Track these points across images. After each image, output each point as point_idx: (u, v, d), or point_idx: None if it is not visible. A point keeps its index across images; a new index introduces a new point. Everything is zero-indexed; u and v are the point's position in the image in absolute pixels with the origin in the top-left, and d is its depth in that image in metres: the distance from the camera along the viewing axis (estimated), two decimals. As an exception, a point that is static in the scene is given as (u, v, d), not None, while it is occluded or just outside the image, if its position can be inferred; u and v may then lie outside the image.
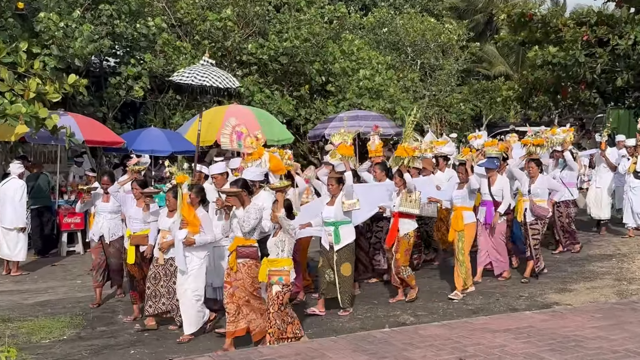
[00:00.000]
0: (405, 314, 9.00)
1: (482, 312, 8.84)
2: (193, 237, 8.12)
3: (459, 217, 10.12)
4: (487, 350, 6.17)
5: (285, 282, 7.41)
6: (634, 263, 11.49)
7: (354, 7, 32.37)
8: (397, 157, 10.22)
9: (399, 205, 9.64)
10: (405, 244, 9.62)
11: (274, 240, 7.56)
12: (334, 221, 9.15)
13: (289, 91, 22.44)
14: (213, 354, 7.10)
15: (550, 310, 8.29)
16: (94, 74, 19.13)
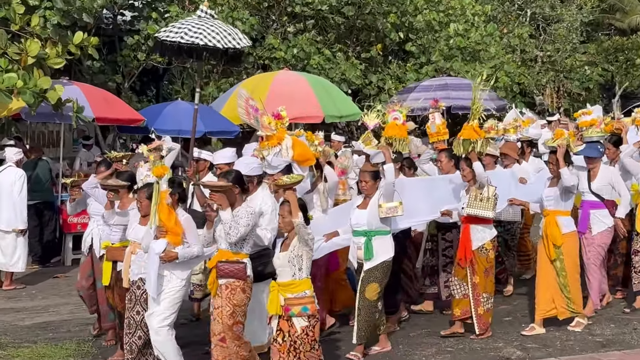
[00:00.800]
0: (510, 346, 8.98)
1: (614, 345, 8.77)
2: (174, 250, 7.53)
3: (553, 226, 9.45)
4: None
5: (312, 311, 6.99)
6: None
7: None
8: (465, 141, 9.55)
9: (467, 206, 9.09)
10: (483, 261, 9.11)
11: (287, 256, 7.02)
12: (365, 230, 8.49)
13: (356, 52, 22.43)
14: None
15: None
16: (106, 33, 19.51)
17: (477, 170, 9.08)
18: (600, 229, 9.78)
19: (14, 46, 12.97)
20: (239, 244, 7.29)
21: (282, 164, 8.75)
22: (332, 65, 20.81)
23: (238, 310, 7.25)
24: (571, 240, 9.46)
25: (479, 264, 9.02)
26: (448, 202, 9.69)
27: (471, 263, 9.05)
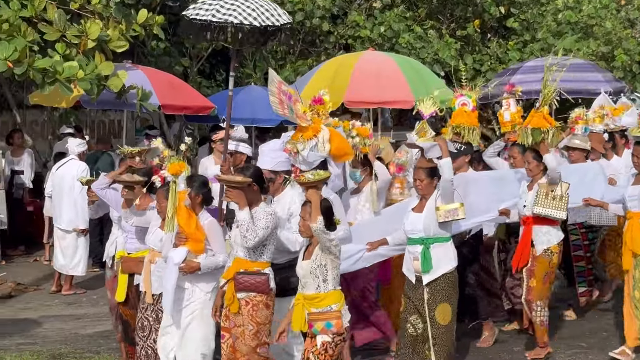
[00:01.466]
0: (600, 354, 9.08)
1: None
2: (196, 260, 7.34)
3: (635, 231, 9.00)
4: None
5: (337, 328, 6.73)
6: None
7: None
8: (535, 130, 9.21)
9: (534, 205, 8.76)
10: (545, 265, 8.83)
11: (308, 266, 6.82)
12: (422, 237, 7.93)
13: (450, 30, 22.45)
14: None
15: None
16: (172, 10, 19.89)
17: (550, 165, 8.79)
18: None
19: (72, 28, 13.06)
20: (259, 250, 7.08)
21: (318, 160, 8.29)
22: (423, 44, 20.82)
23: (262, 329, 7.08)
24: None
25: (539, 267, 8.79)
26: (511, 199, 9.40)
27: (531, 265, 8.82)
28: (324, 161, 8.40)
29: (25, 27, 13.09)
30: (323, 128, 8.63)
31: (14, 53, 12.36)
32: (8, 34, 12.79)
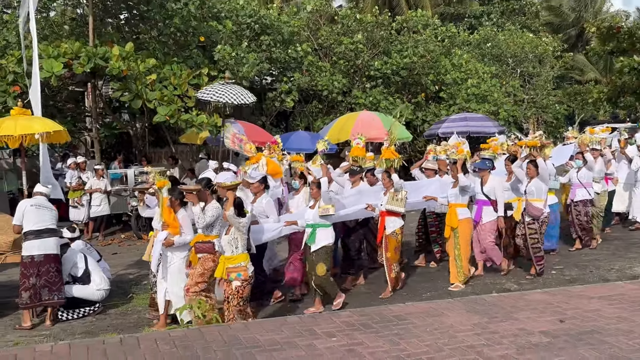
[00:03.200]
0: (510, 282, 8.71)
1: (578, 282, 8.43)
2: (172, 238, 6.89)
3: (453, 214, 8.62)
4: (584, 314, 5.91)
5: (244, 277, 6.50)
6: None
7: (462, 27, 31.67)
8: (387, 160, 8.76)
9: (386, 204, 8.18)
10: (394, 241, 8.21)
11: (227, 239, 6.56)
12: (312, 224, 7.53)
13: (408, 98, 22.25)
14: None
15: (639, 281, 7.80)
16: (256, 91, 19.81)
17: (395, 180, 8.23)
18: (488, 219, 8.87)
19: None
20: (209, 229, 6.72)
21: (259, 176, 7.97)
22: (393, 107, 20.71)
23: (206, 273, 6.70)
24: (465, 224, 8.64)
25: (390, 243, 8.13)
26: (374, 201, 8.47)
27: (386, 242, 8.17)
28: (265, 177, 8.08)
29: (176, 99, 13.25)
30: (262, 157, 8.50)
31: (169, 111, 12.91)
32: (167, 102, 13.17)
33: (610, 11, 43.62)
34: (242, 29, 19.11)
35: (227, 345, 5.38)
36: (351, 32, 21.84)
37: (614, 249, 10.57)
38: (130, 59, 13.30)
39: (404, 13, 27.90)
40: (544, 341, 5.19)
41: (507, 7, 36.14)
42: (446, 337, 5.38)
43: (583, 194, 10.46)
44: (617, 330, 5.40)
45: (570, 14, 42.92)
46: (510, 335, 5.37)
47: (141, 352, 5.33)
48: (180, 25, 15.91)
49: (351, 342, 5.34)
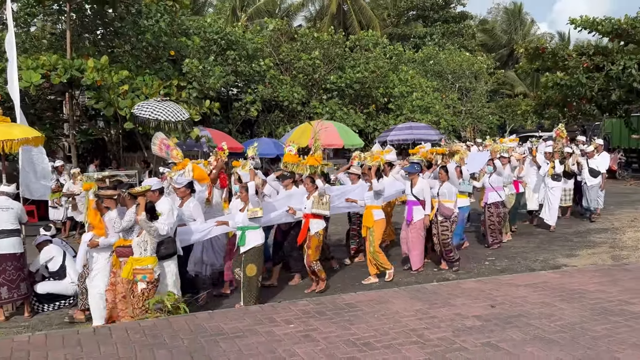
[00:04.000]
0: (449, 272, 8.83)
1: (507, 271, 8.58)
2: (97, 240, 6.43)
3: (369, 215, 8.39)
4: (513, 300, 6.03)
5: (150, 279, 6.01)
6: (625, 235, 10.98)
7: (408, 46, 32.14)
8: (311, 166, 8.44)
9: (311, 208, 7.80)
10: (316, 241, 7.85)
11: (137, 240, 6.05)
12: (241, 226, 7.15)
13: (361, 109, 22.42)
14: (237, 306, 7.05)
15: (560, 270, 8.01)
16: (223, 101, 19.60)
17: (319, 185, 7.92)
18: (419, 218, 8.71)
19: (172, 108, 13.05)
20: (128, 233, 6.21)
21: (184, 182, 7.47)
22: (347, 117, 20.83)
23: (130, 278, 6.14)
24: (379, 224, 8.41)
25: (312, 243, 7.78)
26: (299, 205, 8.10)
27: (308, 242, 7.80)
28: (191, 182, 7.60)
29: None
30: (189, 163, 8.02)
31: None
32: None
33: (537, 34, 44.88)
34: (210, 44, 18.95)
35: (193, 333, 5.29)
36: (309, 49, 21.90)
37: (539, 242, 10.81)
38: (105, 70, 13.02)
39: (356, 33, 28.08)
40: (477, 324, 5.27)
41: (447, 29, 36.91)
42: (392, 322, 5.41)
43: (494, 197, 10.36)
44: (541, 314, 5.52)
45: (502, 36, 43.97)
46: (447, 320, 5.43)
47: (113, 341, 5.20)
48: (152, 40, 15.68)
49: (307, 328, 5.32)
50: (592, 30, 19.71)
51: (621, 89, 19.26)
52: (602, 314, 5.42)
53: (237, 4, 33.07)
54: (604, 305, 5.70)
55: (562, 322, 5.22)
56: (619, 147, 23.56)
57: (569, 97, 20.84)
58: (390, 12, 40.01)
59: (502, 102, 33.36)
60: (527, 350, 4.56)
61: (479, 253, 10.08)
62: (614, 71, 18.83)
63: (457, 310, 5.75)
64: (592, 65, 19.83)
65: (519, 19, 44.25)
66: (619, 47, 20.28)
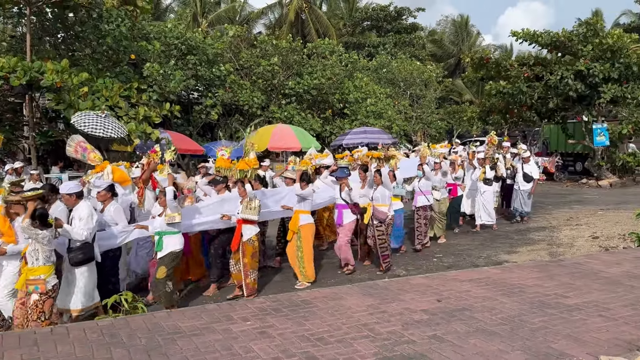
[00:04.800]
0: (399, 268, 8.89)
1: (453, 267, 8.75)
2: (5, 247, 5.97)
3: (296, 219, 8.09)
4: (457, 294, 6.12)
5: (42, 290, 5.52)
6: (561, 233, 11.34)
7: (362, 54, 32.38)
8: (241, 171, 8.11)
9: (241, 213, 7.44)
10: (250, 248, 7.46)
11: (30, 249, 5.55)
12: (159, 231, 6.80)
13: (318, 114, 22.45)
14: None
15: (502, 266, 8.19)
16: (184, 104, 19.30)
17: (248, 189, 7.53)
18: (348, 221, 8.64)
19: (132, 110, 12.76)
20: None
21: (104, 184, 7.05)
22: (305, 121, 20.83)
23: None
24: (306, 229, 8.10)
25: (247, 250, 7.44)
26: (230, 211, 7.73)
27: (243, 249, 7.44)
28: (112, 185, 7.19)
29: (107, 109, 12.63)
30: (108, 166, 7.65)
31: None
32: None
33: (482, 45, 45.98)
34: (170, 49, 18.64)
35: (150, 332, 5.15)
36: (268, 56, 21.81)
37: (482, 240, 11.05)
38: (65, 73, 12.61)
39: (314, 41, 28.13)
40: (424, 318, 5.32)
41: (399, 39, 37.40)
42: (344, 318, 5.42)
43: (423, 200, 10.24)
44: (484, 307, 5.62)
45: (450, 47, 44.88)
46: (397, 314, 5.47)
47: (70, 340, 5.01)
48: (113, 44, 15.30)
49: (263, 325, 5.26)
50: (532, 42, 20.29)
51: (558, 97, 19.89)
52: (539, 307, 5.56)
53: (198, 11, 32.65)
54: (541, 298, 5.86)
55: (502, 315, 5.33)
56: (557, 151, 24.39)
57: (511, 105, 21.37)
58: (346, 22, 40.27)
59: (450, 109, 34.01)
60: (470, 342, 4.63)
61: (427, 251, 10.24)
62: (552, 81, 19.44)
63: (406, 305, 5.80)
64: (532, 75, 20.41)
65: (465, 30, 45.27)
66: (556, 58, 20.92)
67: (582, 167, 23.47)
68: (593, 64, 18.96)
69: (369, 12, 39.14)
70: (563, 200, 16.47)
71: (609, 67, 18.84)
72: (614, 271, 6.97)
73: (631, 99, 19.17)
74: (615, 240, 10.17)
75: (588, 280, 6.57)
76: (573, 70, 19.19)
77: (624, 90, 18.98)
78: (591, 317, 5.20)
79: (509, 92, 20.38)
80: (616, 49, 18.78)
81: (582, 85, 19.20)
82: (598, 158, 20.83)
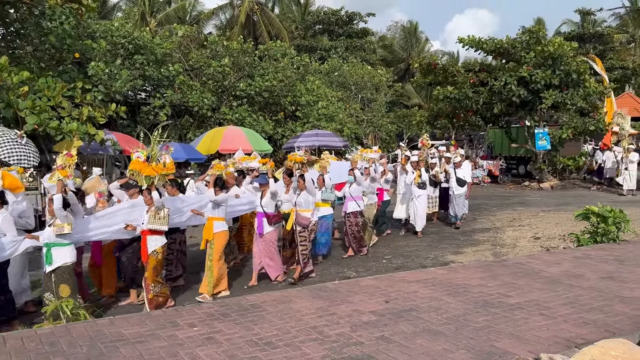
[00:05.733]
0: (350, 270, 8.95)
1: (402, 268, 8.85)
2: None
3: (210, 227, 7.68)
4: (405, 295, 6.20)
5: None
6: (505, 233, 11.68)
7: (314, 57, 32.47)
8: (147, 177, 7.38)
9: (147, 223, 6.97)
10: (154, 260, 6.99)
11: None
12: (47, 242, 6.32)
13: (270, 116, 22.34)
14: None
15: (448, 266, 8.34)
16: (131, 104, 18.77)
17: (155, 198, 7.01)
18: (268, 230, 8.30)
19: (76, 111, 12.27)
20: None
21: None
22: (257, 123, 20.68)
23: None
24: (220, 236, 7.69)
25: (150, 263, 6.98)
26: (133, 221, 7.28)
27: (147, 261, 7.03)
28: (2, 192, 6.76)
29: (48, 109, 12.05)
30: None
31: (38, 120, 11.38)
32: (38, 112, 11.77)
33: (430, 51, 47.05)
34: (117, 48, 18.14)
35: (92, 340, 4.96)
36: (219, 57, 21.56)
37: (430, 241, 11.27)
38: (4, 71, 12.02)
39: (266, 42, 28.01)
40: (372, 319, 5.36)
41: (350, 44, 37.77)
42: (294, 321, 5.38)
43: (354, 206, 9.98)
44: (430, 307, 5.71)
45: (400, 52, 45.69)
46: (346, 316, 5.48)
47: (7, 350, 4.76)
48: (56, 42, 14.73)
49: (211, 330, 5.16)
50: (478, 49, 20.88)
51: (502, 102, 20.53)
52: (483, 306, 5.70)
53: (146, 10, 31.92)
54: (485, 298, 6.01)
55: (448, 315, 5.43)
56: (501, 155, 25.21)
57: (457, 109, 21.91)
58: (298, 25, 40.34)
59: (399, 113, 34.61)
60: (416, 342, 4.69)
61: (377, 252, 10.34)
62: (497, 86, 20.06)
63: (355, 306, 5.82)
64: (477, 81, 21.01)
65: (414, 36, 46.21)
66: (501, 64, 21.62)
67: (524, 170, 24.34)
68: (535, 71, 19.67)
69: (320, 16, 39.35)
70: (506, 202, 17.01)
71: (550, 74, 19.60)
72: (554, 271, 7.23)
73: (571, 105, 20.00)
74: (556, 240, 10.58)
75: (529, 279, 6.79)
76: (516, 77, 19.84)
77: (564, 97, 19.80)
78: (532, 315, 5.37)
79: (455, 97, 20.89)
80: (557, 57, 19.56)
81: (524, 91, 19.88)
82: (540, 161, 21.63)
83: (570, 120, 20.83)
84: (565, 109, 20.62)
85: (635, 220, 11.28)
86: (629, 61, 42.41)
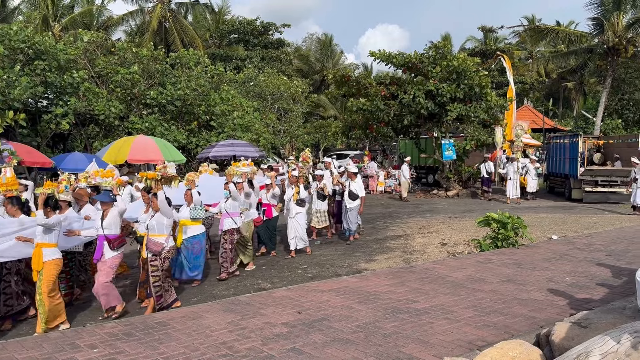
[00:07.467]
0: (265, 282, 8.85)
1: (317, 278, 8.85)
2: None
3: (39, 255, 6.80)
4: (317, 305, 6.20)
5: None
6: (414, 240, 12.03)
7: (229, 66, 32.18)
8: None
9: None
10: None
11: None
12: None
13: (182, 125, 21.80)
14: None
15: (360, 274, 8.44)
16: (31, 112, 17.58)
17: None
18: (110, 256, 7.36)
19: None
20: None
21: None
22: (169, 132, 20.10)
23: None
24: (50, 266, 6.85)
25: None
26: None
27: None
28: None
29: None
30: None
31: None
32: None
33: (345, 63, 48.10)
34: (16, 53, 16.97)
35: (-23, 369, 4.54)
36: (128, 64, 20.75)
37: (344, 249, 11.39)
38: None
39: (179, 50, 27.36)
40: (284, 331, 5.31)
41: (266, 54, 37.80)
42: (202, 337, 5.21)
43: (230, 223, 9.40)
44: (341, 316, 5.75)
45: (316, 63, 46.33)
46: (257, 329, 5.39)
47: None
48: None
49: (113, 351, 4.87)
50: (388, 62, 21.58)
51: (412, 114, 21.34)
52: (391, 312, 5.82)
53: (49, 14, 30.15)
54: (394, 304, 6.14)
55: (358, 323, 5.49)
56: (411, 165, 26.16)
57: (370, 121, 22.50)
58: (213, 33, 39.79)
59: (316, 123, 35.08)
60: (327, 352, 4.69)
61: (293, 262, 10.31)
62: (406, 99, 20.83)
63: (267, 319, 5.74)
64: (388, 94, 21.71)
65: (329, 49, 47.06)
66: (410, 78, 22.49)
67: (433, 179, 25.37)
68: (441, 85, 20.62)
69: (235, 25, 39.10)
70: (417, 210, 17.63)
71: (455, 88, 20.63)
72: (458, 275, 7.55)
73: (474, 117, 21.14)
74: (461, 246, 11.05)
75: (436, 284, 7.03)
76: (424, 90, 20.69)
77: (468, 109, 20.89)
78: (437, 320, 5.55)
79: (368, 109, 21.45)
80: (461, 71, 20.62)
81: (432, 104, 20.77)
82: (447, 171, 22.64)
83: (473, 132, 21.99)
84: (469, 121, 21.75)
85: (532, 226, 12.05)
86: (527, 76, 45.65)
